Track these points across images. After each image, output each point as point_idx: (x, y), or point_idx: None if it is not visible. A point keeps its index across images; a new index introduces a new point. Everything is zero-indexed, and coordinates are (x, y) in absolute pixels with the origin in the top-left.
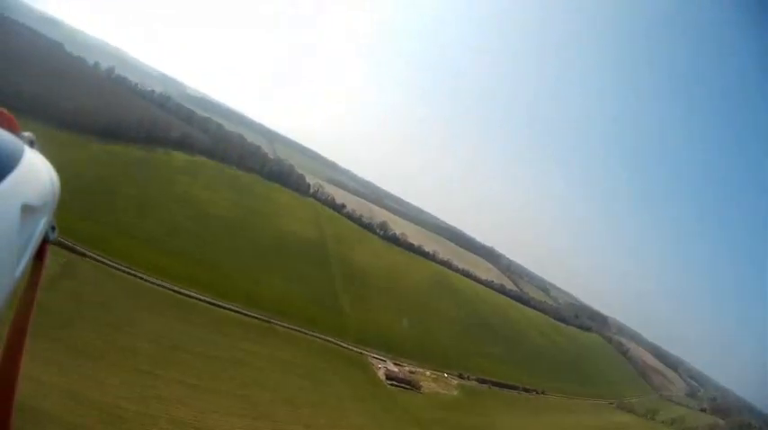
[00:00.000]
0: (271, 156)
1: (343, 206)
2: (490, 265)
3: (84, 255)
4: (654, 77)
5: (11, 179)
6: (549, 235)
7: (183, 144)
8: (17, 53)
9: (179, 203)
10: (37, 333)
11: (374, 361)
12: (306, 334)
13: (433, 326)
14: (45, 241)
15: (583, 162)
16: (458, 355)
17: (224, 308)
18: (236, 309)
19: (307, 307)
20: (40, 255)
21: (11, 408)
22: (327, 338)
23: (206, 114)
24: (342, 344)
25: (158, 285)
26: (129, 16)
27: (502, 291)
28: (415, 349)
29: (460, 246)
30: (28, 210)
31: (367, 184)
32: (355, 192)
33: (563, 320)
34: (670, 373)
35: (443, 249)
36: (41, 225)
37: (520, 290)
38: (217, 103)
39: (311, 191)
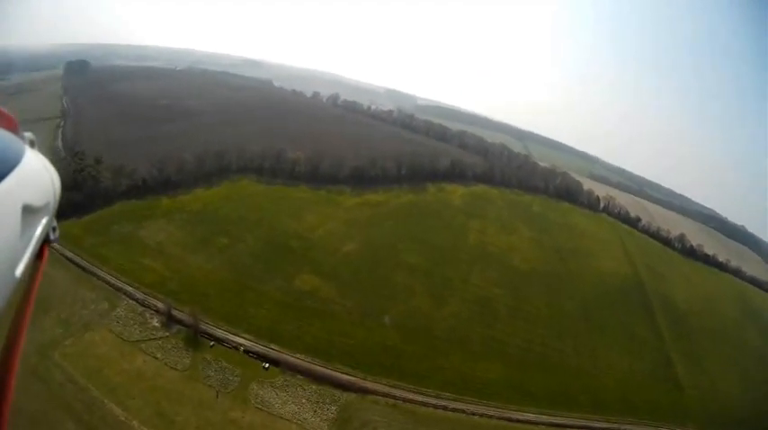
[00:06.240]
0: (541, 164)
1: (638, 220)
2: (757, 256)
3: (365, 390)
4: None
5: (11, 179)
6: None
7: (454, 172)
8: (227, 102)
9: (478, 263)
10: None
11: None
12: None
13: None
14: (45, 241)
15: None
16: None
17: (565, 427)
18: (578, 423)
19: (647, 388)
20: (40, 255)
21: (6, 407)
22: None
23: (458, 126)
24: None
25: (474, 414)
26: (336, 39)
27: None
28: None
29: (727, 236)
30: (28, 210)
31: (622, 172)
32: (618, 186)
33: None
34: None
35: (717, 245)
36: (42, 225)
37: None
38: (452, 108)
39: (601, 206)
